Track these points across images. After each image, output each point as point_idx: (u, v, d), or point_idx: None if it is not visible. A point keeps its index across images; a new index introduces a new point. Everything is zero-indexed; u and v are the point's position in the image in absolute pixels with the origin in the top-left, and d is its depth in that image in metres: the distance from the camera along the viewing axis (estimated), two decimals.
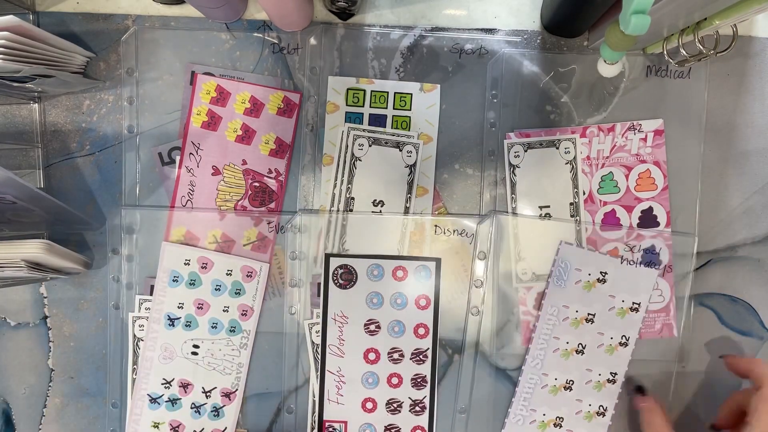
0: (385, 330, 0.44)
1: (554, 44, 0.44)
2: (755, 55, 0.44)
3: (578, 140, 0.44)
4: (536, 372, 0.44)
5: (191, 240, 0.44)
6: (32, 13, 0.43)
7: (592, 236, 0.44)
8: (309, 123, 0.44)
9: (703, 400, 0.46)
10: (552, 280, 0.44)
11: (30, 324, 0.44)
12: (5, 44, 0.34)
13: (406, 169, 0.44)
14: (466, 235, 0.44)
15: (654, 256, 0.44)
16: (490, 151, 0.44)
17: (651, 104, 0.44)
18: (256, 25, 0.44)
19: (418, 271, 0.44)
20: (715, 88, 0.44)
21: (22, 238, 0.37)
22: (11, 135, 0.44)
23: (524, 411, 0.45)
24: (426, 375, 0.44)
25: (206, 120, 0.44)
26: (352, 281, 0.44)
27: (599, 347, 0.44)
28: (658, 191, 0.44)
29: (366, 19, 0.44)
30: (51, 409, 0.45)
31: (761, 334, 0.46)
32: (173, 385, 0.44)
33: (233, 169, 0.44)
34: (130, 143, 0.44)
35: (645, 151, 0.44)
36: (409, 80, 0.44)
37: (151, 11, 0.44)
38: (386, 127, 0.44)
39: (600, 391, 0.44)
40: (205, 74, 0.43)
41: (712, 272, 0.45)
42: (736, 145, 0.45)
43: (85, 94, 0.44)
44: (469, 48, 0.44)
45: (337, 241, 0.44)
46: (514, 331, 0.45)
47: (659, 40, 0.41)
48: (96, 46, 0.43)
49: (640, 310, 0.44)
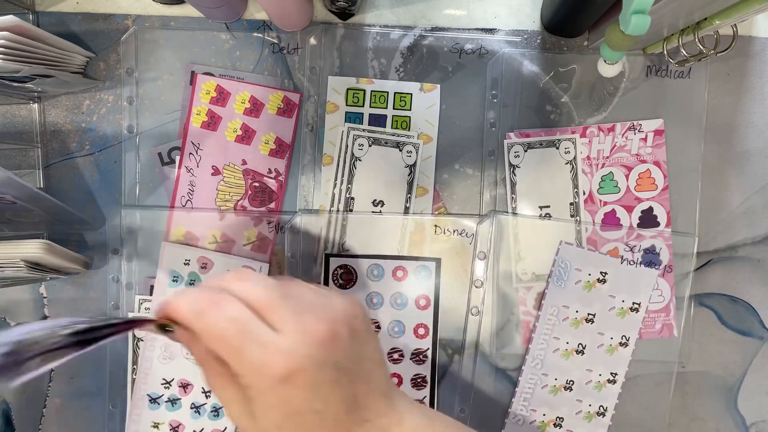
0: (385, 330, 0.44)
1: (554, 44, 0.44)
2: (755, 55, 0.44)
3: (578, 140, 0.44)
4: (536, 372, 0.44)
5: (191, 240, 0.44)
6: (32, 13, 0.43)
7: (592, 236, 0.44)
8: (309, 123, 0.44)
9: (703, 400, 0.46)
10: (552, 280, 0.44)
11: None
12: (5, 44, 0.34)
13: (406, 169, 0.44)
14: (466, 235, 0.44)
15: (654, 256, 0.44)
16: (490, 151, 0.44)
17: (651, 104, 0.44)
18: (256, 25, 0.44)
19: (418, 271, 0.44)
20: (715, 88, 0.44)
21: (22, 238, 0.37)
22: (11, 135, 0.44)
23: (524, 411, 0.44)
24: (426, 375, 0.44)
25: (206, 120, 0.44)
26: (352, 281, 0.44)
27: (599, 347, 0.44)
28: (658, 191, 0.44)
29: (366, 19, 0.44)
30: (51, 409, 0.45)
31: (761, 334, 0.46)
32: (173, 385, 0.44)
33: (233, 169, 0.44)
34: (130, 143, 0.44)
35: (645, 151, 0.44)
36: (409, 80, 0.44)
37: (151, 11, 0.44)
38: (386, 127, 0.44)
39: (600, 391, 0.44)
40: (205, 74, 0.43)
41: (712, 272, 0.45)
42: (736, 145, 0.45)
43: (84, 94, 0.44)
44: (469, 48, 0.44)
45: (337, 241, 0.44)
46: (514, 331, 0.45)
47: (659, 40, 0.41)
48: (96, 46, 0.43)
49: (640, 310, 0.44)
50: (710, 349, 0.46)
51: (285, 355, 0.27)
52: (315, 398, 0.27)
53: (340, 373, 0.28)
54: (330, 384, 0.28)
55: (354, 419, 0.29)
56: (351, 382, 0.29)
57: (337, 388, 0.28)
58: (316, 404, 0.27)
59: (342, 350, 0.29)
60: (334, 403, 0.28)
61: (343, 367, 0.29)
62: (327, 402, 0.28)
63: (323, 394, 0.28)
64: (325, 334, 0.28)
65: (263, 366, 0.27)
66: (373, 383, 0.30)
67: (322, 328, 0.28)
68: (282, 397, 0.27)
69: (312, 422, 0.28)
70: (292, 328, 0.28)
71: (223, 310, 0.27)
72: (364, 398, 0.29)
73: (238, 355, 0.27)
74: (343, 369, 0.29)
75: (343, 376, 0.29)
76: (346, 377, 0.29)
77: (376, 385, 0.31)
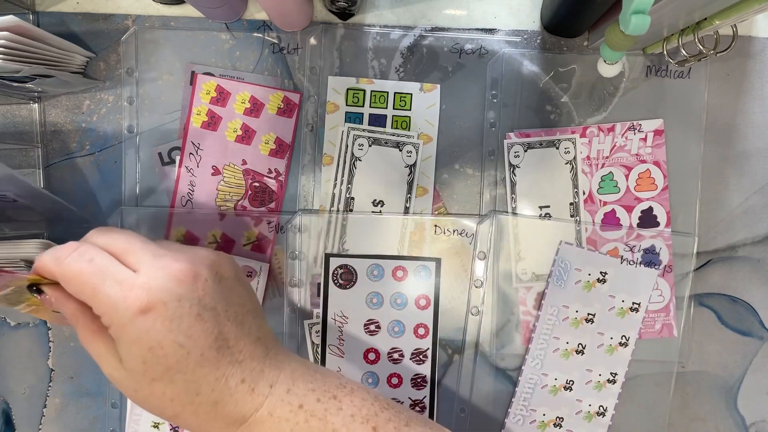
0: (385, 330, 0.44)
1: (554, 44, 0.44)
2: (755, 55, 0.44)
3: (578, 140, 0.44)
4: (536, 372, 0.44)
5: (191, 240, 0.44)
6: (32, 13, 0.43)
7: (592, 236, 0.44)
8: (309, 123, 0.44)
9: (703, 400, 0.46)
10: (552, 280, 0.44)
11: (30, 324, 0.44)
12: (5, 44, 0.34)
13: (406, 169, 0.44)
14: (466, 235, 0.44)
15: (654, 256, 0.44)
16: (490, 151, 0.44)
17: (651, 104, 0.44)
18: (256, 25, 0.44)
19: (418, 271, 0.44)
20: (715, 88, 0.44)
21: (22, 238, 0.37)
22: (11, 135, 0.44)
23: (524, 411, 0.45)
24: (426, 375, 0.44)
25: (206, 120, 0.44)
26: (352, 281, 0.44)
27: (599, 347, 0.44)
28: (658, 191, 0.44)
29: (366, 19, 0.44)
30: (51, 409, 0.45)
31: (761, 334, 0.46)
32: None
33: (233, 169, 0.44)
34: (130, 143, 0.44)
35: (645, 151, 0.44)
36: (409, 80, 0.44)
37: (151, 11, 0.44)
38: (386, 127, 0.44)
39: (600, 391, 0.44)
40: (205, 74, 0.43)
41: (712, 272, 0.45)
42: (736, 145, 0.45)
43: (85, 94, 0.44)
44: (469, 48, 0.44)
45: (337, 241, 0.44)
46: (514, 331, 0.45)
47: (659, 40, 0.41)
48: (96, 46, 0.43)
49: (640, 310, 0.44)
50: (710, 349, 0.46)
51: (141, 288, 0.27)
52: (177, 331, 0.28)
53: (203, 310, 0.29)
54: (192, 319, 0.28)
55: (224, 358, 0.29)
56: (217, 321, 0.29)
57: (200, 324, 0.28)
58: (179, 337, 0.28)
59: (204, 290, 0.29)
60: (200, 339, 0.28)
61: (206, 306, 0.29)
62: (190, 336, 0.28)
63: (185, 327, 0.28)
64: (184, 272, 0.29)
65: (120, 301, 0.27)
66: (245, 327, 0.31)
67: (181, 267, 0.29)
68: (142, 330, 0.27)
69: (178, 357, 0.28)
70: (149, 267, 0.29)
71: (82, 254, 0.28)
72: (235, 340, 0.30)
73: (95, 293, 0.28)
74: (206, 307, 0.29)
75: (207, 314, 0.29)
76: (210, 315, 0.29)
77: (249, 330, 0.31)
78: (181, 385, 0.28)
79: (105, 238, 0.30)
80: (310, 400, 0.30)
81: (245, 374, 0.29)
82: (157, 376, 0.28)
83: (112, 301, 0.27)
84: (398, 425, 0.30)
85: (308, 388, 0.30)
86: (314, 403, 0.30)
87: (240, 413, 0.29)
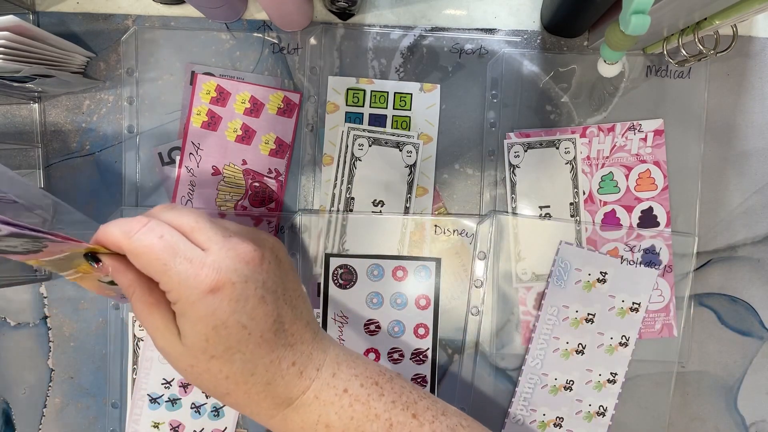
0: (385, 330, 0.44)
1: (554, 44, 0.44)
2: (755, 55, 0.44)
3: (578, 140, 0.44)
4: (536, 372, 0.44)
5: None
6: (32, 13, 0.43)
7: (592, 236, 0.44)
8: (309, 123, 0.44)
9: (703, 399, 0.46)
10: (552, 280, 0.44)
11: (30, 324, 0.44)
12: (5, 44, 0.34)
13: (406, 169, 0.44)
14: (466, 235, 0.44)
15: (654, 256, 0.44)
16: (490, 151, 0.44)
17: (651, 104, 0.44)
18: (256, 25, 0.44)
19: (418, 271, 0.44)
20: (715, 88, 0.44)
21: None
22: (11, 135, 0.44)
23: (524, 411, 0.45)
24: (426, 375, 0.44)
25: (206, 120, 0.44)
26: (352, 281, 0.44)
27: (599, 347, 0.44)
28: (658, 191, 0.44)
29: (366, 19, 0.44)
30: (51, 409, 0.45)
31: (761, 334, 0.46)
32: (173, 385, 0.44)
33: (233, 169, 0.44)
34: (130, 143, 0.44)
35: (645, 151, 0.44)
36: (409, 80, 0.44)
37: (151, 11, 0.44)
38: (386, 127, 0.44)
39: (600, 391, 0.44)
40: (205, 74, 0.44)
41: (712, 272, 0.45)
42: (736, 145, 0.45)
43: (85, 94, 0.44)
44: (469, 48, 0.44)
45: (337, 241, 0.44)
46: (514, 331, 0.45)
47: (659, 40, 0.41)
48: (96, 46, 0.44)
49: (640, 310, 0.44)
50: (710, 349, 0.46)
51: (212, 268, 0.28)
52: (242, 312, 0.28)
53: (266, 292, 0.29)
54: (257, 300, 0.29)
55: (280, 341, 0.29)
56: (276, 304, 0.30)
57: (263, 306, 0.29)
58: (242, 318, 0.28)
59: (267, 273, 0.30)
60: (261, 321, 0.29)
61: (269, 288, 0.29)
62: (253, 318, 0.28)
63: (249, 309, 0.28)
64: (252, 254, 0.29)
65: (190, 278, 0.27)
66: (298, 311, 0.31)
67: (249, 248, 0.29)
68: (209, 308, 0.27)
69: (239, 337, 0.28)
70: (219, 247, 0.29)
71: (152, 230, 0.28)
72: (290, 323, 0.30)
73: (165, 269, 0.28)
74: (269, 290, 0.29)
75: (269, 296, 0.29)
76: (272, 298, 0.29)
77: (300, 314, 0.31)
78: (239, 364, 0.28)
79: (172, 214, 0.30)
80: (354, 385, 0.30)
81: (296, 357, 0.30)
82: (217, 354, 0.28)
83: (182, 278, 0.27)
84: (436, 413, 0.31)
85: (351, 374, 0.31)
86: (358, 388, 0.30)
87: (288, 395, 0.29)
